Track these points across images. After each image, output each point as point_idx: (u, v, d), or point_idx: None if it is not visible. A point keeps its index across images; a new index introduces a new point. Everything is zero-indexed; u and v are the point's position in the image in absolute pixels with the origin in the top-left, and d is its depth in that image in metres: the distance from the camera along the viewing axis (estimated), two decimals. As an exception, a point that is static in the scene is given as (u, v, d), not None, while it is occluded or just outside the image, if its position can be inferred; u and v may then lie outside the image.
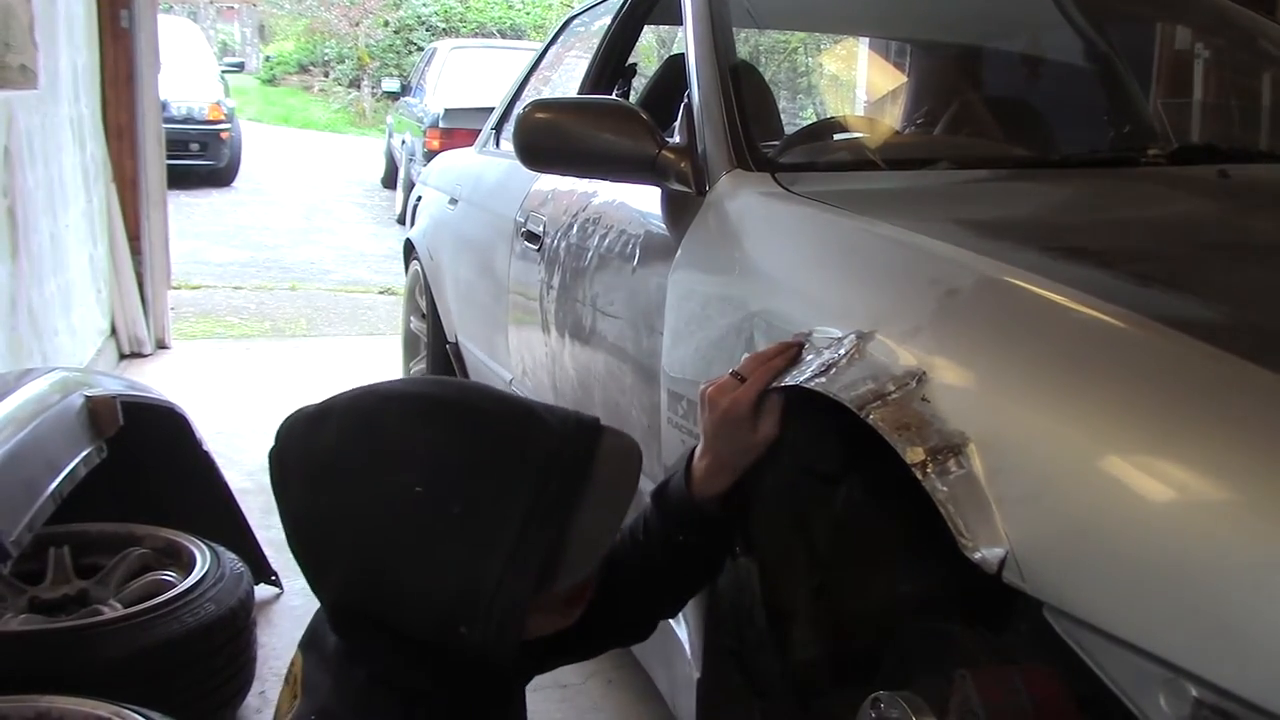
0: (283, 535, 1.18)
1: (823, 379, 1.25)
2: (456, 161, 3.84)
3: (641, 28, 2.88)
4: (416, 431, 1.09)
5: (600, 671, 2.47)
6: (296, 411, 1.16)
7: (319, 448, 1.11)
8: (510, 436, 1.11)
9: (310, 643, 1.23)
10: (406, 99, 11.22)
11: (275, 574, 2.76)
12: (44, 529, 1.90)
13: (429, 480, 1.06)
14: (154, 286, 5.20)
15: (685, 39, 2.12)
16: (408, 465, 1.07)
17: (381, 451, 1.08)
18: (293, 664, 1.26)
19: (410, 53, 18.44)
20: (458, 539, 1.05)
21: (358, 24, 19.69)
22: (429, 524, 1.05)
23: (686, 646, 1.77)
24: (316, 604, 1.21)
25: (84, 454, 2.03)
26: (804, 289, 1.56)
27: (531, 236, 2.57)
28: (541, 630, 1.16)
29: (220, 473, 2.65)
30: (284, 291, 6.99)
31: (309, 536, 1.13)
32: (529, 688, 1.37)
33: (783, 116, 2.55)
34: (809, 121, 3.53)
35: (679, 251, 1.83)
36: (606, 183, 2.22)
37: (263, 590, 2.69)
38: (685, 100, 2.01)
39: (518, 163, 2.13)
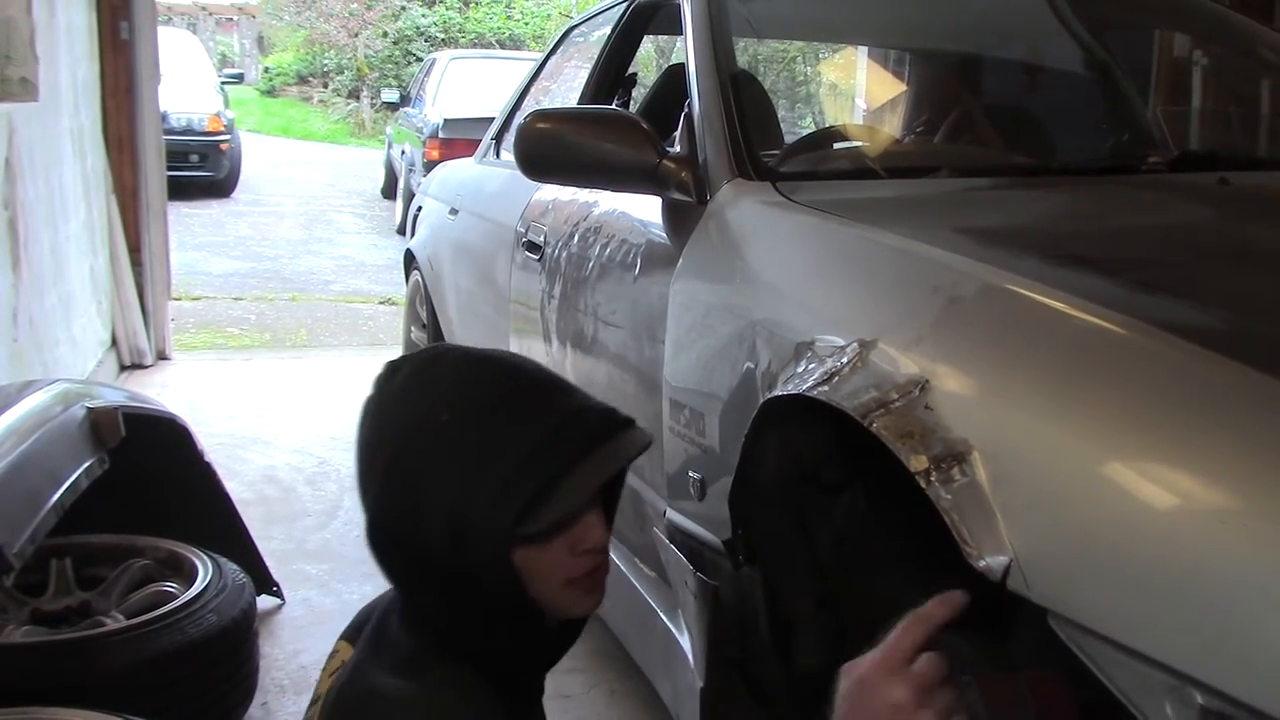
0: (283, 547, 1.20)
1: (825, 388, 1.25)
2: (457, 172, 3.85)
3: (641, 38, 2.88)
4: (461, 375, 1.25)
5: (604, 681, 2.47)
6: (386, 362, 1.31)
7: (389, 388, 1.25)
8: (539, 394, 1.24)
9: (356, 629, 1.33)
10: (406, 110, 11.21)
11: (277, 585, 2.76)
12: (46, 541, 1.90)
13: (457, 412, 1.20)
14: (154, 298, 5.20)
15: (685, 49, 2.13)
16: (444, 399, 1.21)
17: (428, 385, 1.24)
18: (337, 652, 1.34)
19: (409, 63, 18.45)
20: (466, 463, 1.17)
21: (356, 35, 19.70)
22: (447, 447, 1.18)
23: (690, 656, 1.77)
24: (317, 616, 1.23)
25: (86, 465, 2.03)
26: (806, 298, 1.56)
27: (532, 246, 2.57)
28: (568, 609, 1.25)
29: (222, 484, 2.65)
30: (284, 302, 6.99)
31: (362, 459, 1.25)
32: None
33: (782, 126, 2.56)
34: (809, 131, 3.54)
35: (680, 261, 1.83)
36: (607, 192, 2.23)
37: (264, 601, 2.68)
38: (686, 110, 2.02)
39: (518, 173, 2.14)
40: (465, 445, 1.17)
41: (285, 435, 4.20)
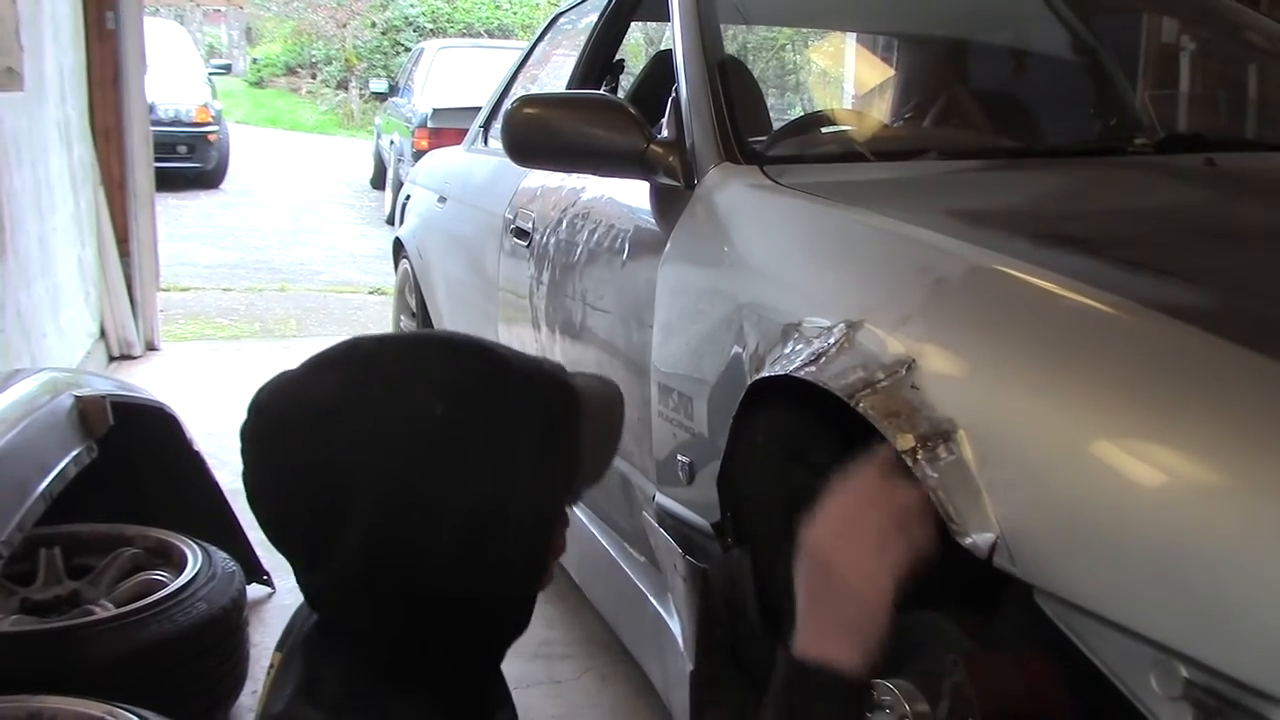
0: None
1: (812, 368, 1.25)
2: (445, 160, 3.84)
3: (628, 24, 2.88)
4: (425, 358, 1.10)
5: (594, 667, 2.48)
6: (276, 376, 1.12)
7: (321, 396, 1.06)
8: (511, 359, 1.13)
9: (288, 636, 1.23)
10: (394, 100, 11.18)
11: (267, 573, 2.76)
12: (34, 530, 1.90)
13: (449, 400, 1.05)
14: (143, 288, 5.18)
15: (672, 34, 2.12)
16: (424, 390, 1.05)
17: (395, 381, 1.06)
18: (272, 666, 1.25)
19: (398, 53, 18.39)
20: (485, 452, 1.04)
21: (345, 25, 19.64)
22: (455, 442, 1.03)
23: (680, 640, 1.77)
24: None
25: (74, 454, 2.02)
26: (793, 280, 1.56)
27: (521, 233, 2.57)
28: (543, 585, 1.15)
29: (211, 473, 2.64)
30: (273, 293, 6.97)
31: (318, 492, 1.03)
32: (521, 685, 1.36)
33: (770, 112, 2.55)
34: (797, 115, 3.54)
35: (668, 245, 1.83)
36: (595, 178, 2.22)
37: (254, 590, 2.68)
38: (673, 94, 2.02)
39: (506, 160, 2.13)
40: (475, 435, 1.04)
41: (275, 425, 4.19)
